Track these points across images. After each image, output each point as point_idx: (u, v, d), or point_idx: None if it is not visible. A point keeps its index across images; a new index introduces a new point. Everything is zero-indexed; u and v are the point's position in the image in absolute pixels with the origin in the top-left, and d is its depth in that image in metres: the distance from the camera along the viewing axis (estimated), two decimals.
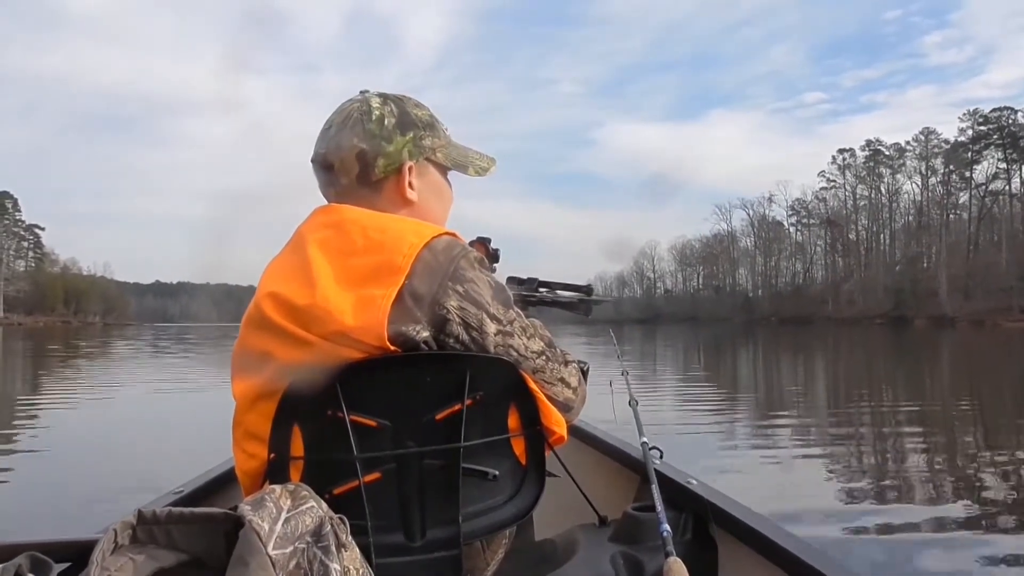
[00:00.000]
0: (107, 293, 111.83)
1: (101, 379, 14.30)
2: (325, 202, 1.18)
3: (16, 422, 8.49)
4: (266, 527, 0.74)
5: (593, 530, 1.39)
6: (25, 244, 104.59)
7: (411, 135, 1.16)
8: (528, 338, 1.11)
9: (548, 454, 1.14)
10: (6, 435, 7.44)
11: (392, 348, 1.00)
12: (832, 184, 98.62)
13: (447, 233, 1.09)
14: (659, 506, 1.21)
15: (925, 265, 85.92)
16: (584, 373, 1.23)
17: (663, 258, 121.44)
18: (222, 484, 1.71)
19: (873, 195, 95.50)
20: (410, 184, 1.16)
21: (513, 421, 1.10)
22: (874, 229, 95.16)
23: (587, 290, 1.59)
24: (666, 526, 1.14)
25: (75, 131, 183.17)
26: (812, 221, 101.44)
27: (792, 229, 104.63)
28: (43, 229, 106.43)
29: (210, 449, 1.84)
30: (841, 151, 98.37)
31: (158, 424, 8.15)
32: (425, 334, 1.03)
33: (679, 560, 1.02)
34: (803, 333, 50.17)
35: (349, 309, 0.99)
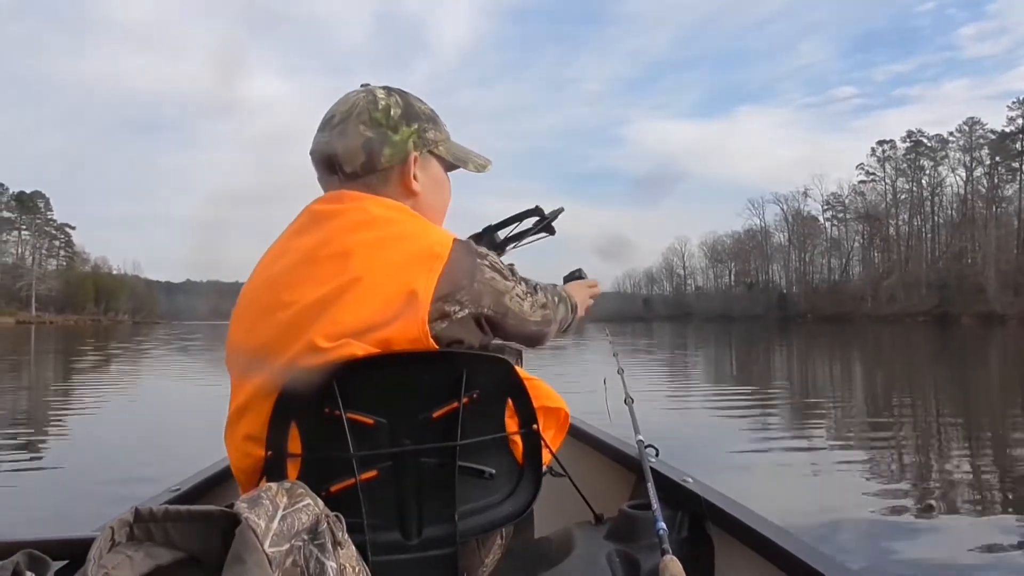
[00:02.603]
0: (136, 291, 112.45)
1: (114, 380, 14.24)
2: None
3: (25, 422, 8.47)
4: (262, 524, 0.74)
5: (589, 528, 1.38)
6: (56, 243, 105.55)
7: (416, 126, 1.16)
8: (518, 283, 1.16)
9: (544, 452, 1.14)
10: (16, 434, 7.47)
11: (428, 338, 1.01)
12: (872, 177, 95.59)
13: (455, 237, 1.11)
14: (655, 504, 1.20)
15: (970, 261, 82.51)
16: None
17: (693, 254, 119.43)
18: (219, 482, 1.71)
19: (914, 188, 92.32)
20: (414, 176, 1.16)
21: (510, 420, 1.10)
22: (916, 223, 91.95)
23: (538, 211, 1.57)
24: (662, 524, 1.13)
25: (111, 134, 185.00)
26: (848, 216, 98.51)
27: (827, 224, 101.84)
28: (74, 228, 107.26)
29: (209, 447, 1.74)
30: (881, 143, 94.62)
31: (160, 422, 8.14)
32: (463, 313, 1.04)
33: (675, 558, 1.00)
34: (842, 331, 47.89)
35: (392, 291, 1.00)
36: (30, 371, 16.88)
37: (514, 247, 1.57)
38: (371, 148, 1.12)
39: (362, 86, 1.19)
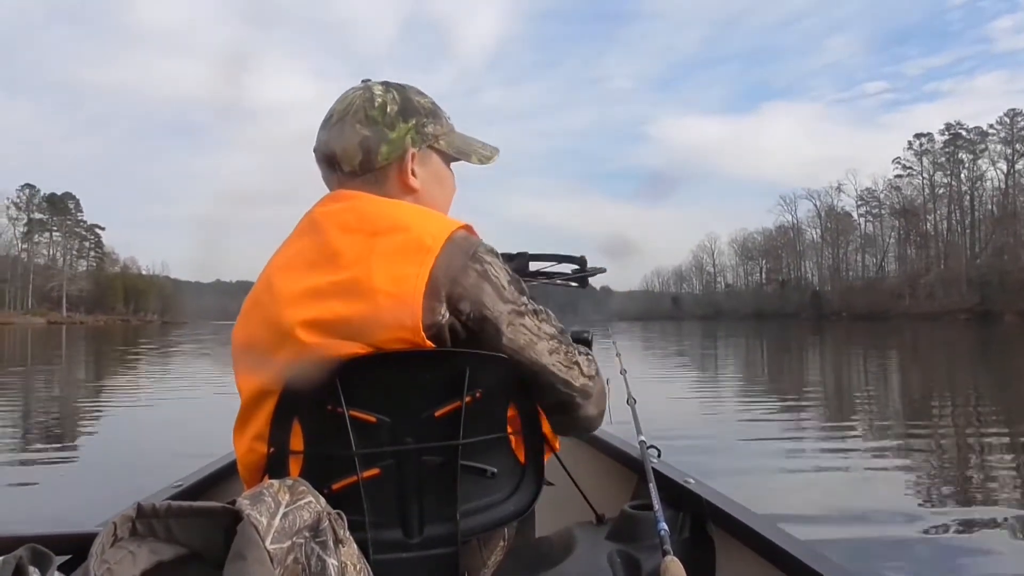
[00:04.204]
0: (164, 292, 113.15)
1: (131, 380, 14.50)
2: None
3: (42, 419, 8.56)
4: (264, 521, 0.74)
5: (590, 528, 1.37)
6: (87, 244, 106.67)
7: (413, 122, 1.15)
8: (540, 321, 1.09)
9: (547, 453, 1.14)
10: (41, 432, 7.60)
11: (422, 334, 0.99)
12: (908, 171, 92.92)
13: (463, 226, 1.08)
14: (656, 504, 1.19)
15: (1009, 256, 79.62)
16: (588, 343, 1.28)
17: (723, 252, 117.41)
18: (221, 478, 1.70)
19: (953, 182, 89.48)
20: (412, 172, 1.15)
21: (512, 419, 1.09)
22: (955, 218, 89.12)
23: (581, 261, 1.54)
24: (663, 525, 1.12)
25: (140, 136, 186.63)
26: (883, 211, 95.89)
27: (861, 220, 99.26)
28: (103, 229, 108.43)
29: (214, 443, 1.81)
30: (918, 136, 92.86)
31: (170, 419, 8.25)
32: (447, 316, 1.01)
33: (676, 559, 0.99)
34: (880, 329, 46.29)
35: (382, 287, 0.98)
36: (62, 372, 16.91)
37: (546, 283, 1.52)
38: (367, 146, 1.12)
39: (362, 82, 1.18)
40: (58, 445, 6.81)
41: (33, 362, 20.37)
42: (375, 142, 1.11)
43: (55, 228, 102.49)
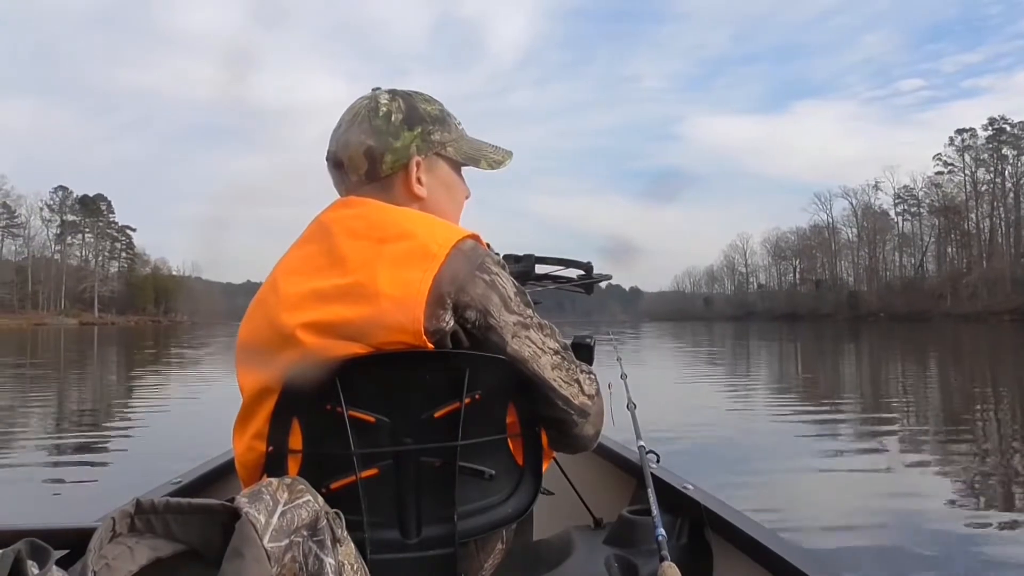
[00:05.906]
0: (193, 293, 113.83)
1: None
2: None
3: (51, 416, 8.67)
4: (262, 520, 0.74)
5: (588, 532, 1.37)
6: (118, 245, 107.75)
7: (419, 130, 1.15)
8: (545, 336, 1.10)
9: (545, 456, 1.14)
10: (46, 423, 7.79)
11: (423, 337, 0.99)
12: (949, 168, 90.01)
13: (471, 236, 1.08)
14: (655, 510, 1.20)
15: None
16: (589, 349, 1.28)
17: (756, 252, 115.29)
18: (220, 475, 1.71)
19: (996, 179, 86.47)
20: (418, 180, 1.15)
21: (511, 421, 1.09)
22: (999, 216, 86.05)
23: (587, 267, 1.54)
24: (661, 530, 1.13)
25: (174, 140, 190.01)
26: (923, 209, 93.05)
27: (899, 219, 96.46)
28: (135, 230, 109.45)
29: (216, 440, 1.79)
30: (960, 131, 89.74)
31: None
32: (452, 324, 1.02)
33: (673, 565, 1.00)
34: (921, 331, 44.58)
35: (385, 291, 0.98)
36: (95, 373, 17.06)
37: (554, 286, 1.51)
38: (372, 155, 1.12)
39: (373, 90, 1.18)
40: (60, 441, 6.86)
41: (55, 361, 20.57)
42: (379, 151, 1.12)
43: (87, 230, 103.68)
